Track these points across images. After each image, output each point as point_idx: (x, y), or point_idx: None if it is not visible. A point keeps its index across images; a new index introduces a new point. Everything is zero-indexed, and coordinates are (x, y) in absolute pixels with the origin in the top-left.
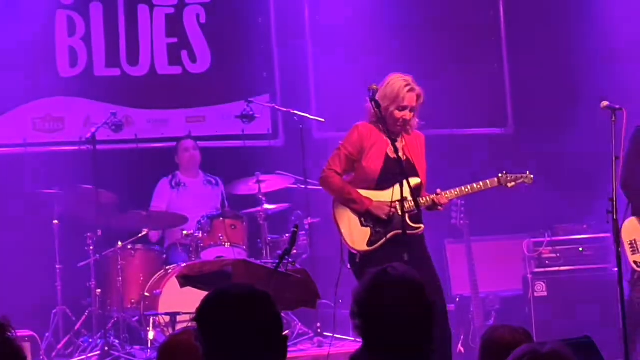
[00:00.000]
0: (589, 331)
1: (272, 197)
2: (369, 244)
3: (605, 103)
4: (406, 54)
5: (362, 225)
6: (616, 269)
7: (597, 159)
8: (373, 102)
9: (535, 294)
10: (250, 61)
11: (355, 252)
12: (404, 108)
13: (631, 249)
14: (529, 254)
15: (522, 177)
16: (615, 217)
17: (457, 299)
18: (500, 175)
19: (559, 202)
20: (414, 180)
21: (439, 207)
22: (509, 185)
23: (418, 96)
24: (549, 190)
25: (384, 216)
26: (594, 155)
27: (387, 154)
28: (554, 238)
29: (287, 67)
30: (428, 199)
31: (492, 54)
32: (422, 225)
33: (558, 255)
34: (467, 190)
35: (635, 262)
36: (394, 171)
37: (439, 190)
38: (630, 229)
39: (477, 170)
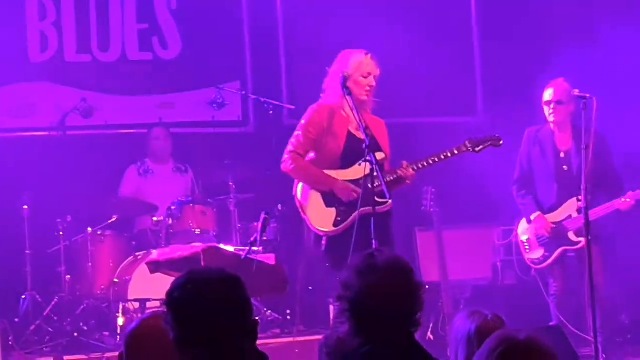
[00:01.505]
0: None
1: (242, 184)
2: (336, 224)
3: (575, 91)
4: (376, 42)
5: (327, 205)
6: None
7: None
8: (345, 89)
9: (505, 282)
10: (221, 47)
11: (322, 234)
12: (368, 75)
13: (524, 247)
14: (499, 242)
15: (489, 140)
16: (585, 205)
17: (427, 287)
18: (467, 140)
19: None
20: (379, 155)
21: (407, 181)
22: (477, 149)
23: (376, 66)
24: (512, 182)
25: (346, 199)
26: None
27: (349, 132)
28: None
29: (258, 53)
30: (393, 172)
31: (462, 42)
32: (390, 201)
33: None
34: (433, 159)
35: (528, 259)
36: (357, 148)
37: (404, 163)
38: (522, 229)
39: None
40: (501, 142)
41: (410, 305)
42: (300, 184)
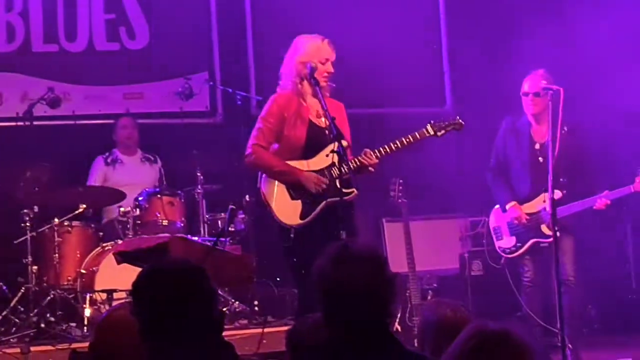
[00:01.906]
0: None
1: (210, 175)
2: (302, 216)
3: (543, 83)
4: (344, 32)
5: (292, 198)
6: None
7: None
8: (312, 80)
9: (472, 273)
10: (189, 38)
11: (288, 227)
12: (325, 60)
13: (496, 236)
14: (466, 233)
15: (451, 124)
16: (552, 195)
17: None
18: (429, 124)
19: None
20: (344, 143)
21: (370, 169)
22: (439, 134)
23: (333, 50)
24: (487, 169)
25: (313, 190)
26: None
27: (310, 121)
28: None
29: (226, 44)
30: (356, 160)
31: (430, 32)
32: (355, 190)
33: None
34: (396, 145)
35: (500, 248)
36: (319, 137)
37: (367, 150)
38: (494, 218)
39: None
40: (463, 125)
41: (385, 296)
42: (265, 177)
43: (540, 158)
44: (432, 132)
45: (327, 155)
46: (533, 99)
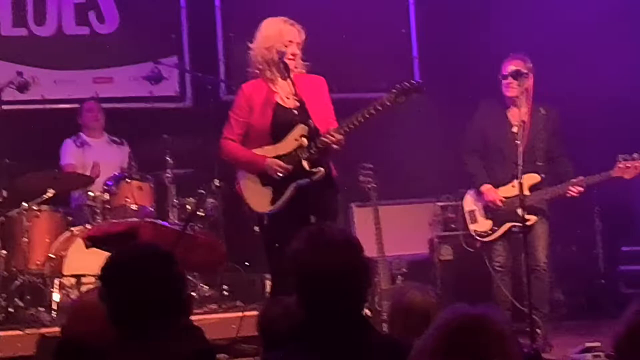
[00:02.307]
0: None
1: (179, 159)
2: (273, 202)
3: (512, 67)
4: (313, 17)
5: (263, 185)
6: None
7: None
8: (282, 64)
9: (441, 258)
10: (158, 22)
11: (262, 214)
12: (289, 43)
13: (470, 219)
14: (436, 218)
15: (411, 88)
16: (520, 180)
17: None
18: (388, 93)
19: None
20: (310, 124)
21: (335, 146)
22: (400, 100)
23: (299, 31)
24: (457, 154)
25: (275, 176)
26: None
27: (276, 104)
28: (460, 202)
29: (196, 28)
30: (321, 140)
31: (399, 17)
32: (322, 169)
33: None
34: (358, 119)
35: (475, 231)
36: (286, 119)
37: (330, 129)
38: (469, 201)
39: (384, 135)
40: (423, 88)
41: (360, 281)
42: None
43: (517, 141)
44: (392, 100)
45: (295, 140)
46: (511, 81)
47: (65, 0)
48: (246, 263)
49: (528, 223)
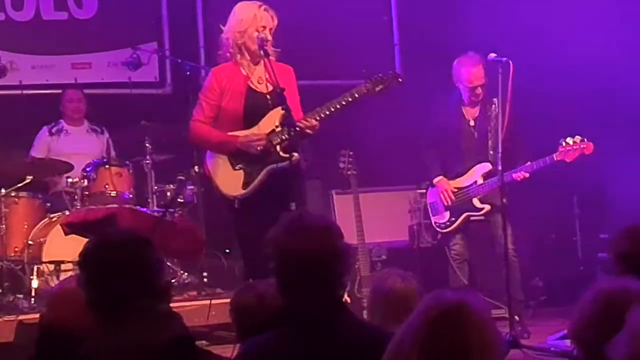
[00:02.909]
0: (485, 278)
1: (159, 145)
2: (244, 186)
3: (492, 55)
4: (294, 2)
5: (234, 169)
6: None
7: None
8: (262, 51)
9: (421, 245)
10: (137, 8)
11: (232, 198)
12: (263, 28)
13: (432, 211)
14: (415, 205)
15: (389, 78)
16: (500, 168)
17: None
18: (366, 81)
19: None
20: (282, 110)
21: (308, 131)
22: (377, 89)
23: (272, 17)
24: (421, 144)
25: (255, 151)
26: None
27: (249, 88)
28: None
29: (175, 13)
30: (296, 126)
31: (380, 3)
32: (296, 154)
33: None
34: (335, 106)
35: (435, 223)
36: (259, 104)
37: (304, 115)
38: (431, 193)
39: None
40: (400, 79)
41: (339, 267)
42: (209, 152)
43: (475, 134)
44: (369, 89)
45: (271, 123)
46: (480, 90)
47: None
48: (227, 250)
49: (483, 211)
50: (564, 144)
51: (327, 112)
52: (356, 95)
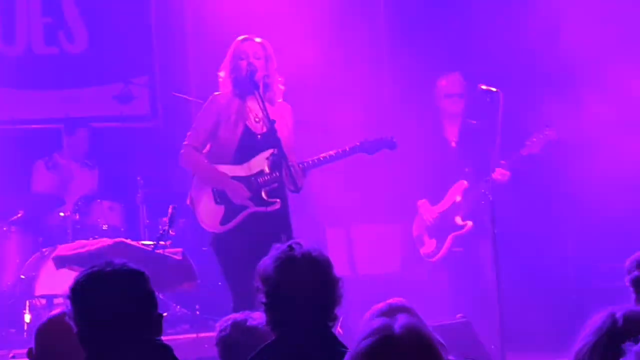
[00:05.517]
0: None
1: (150, 179)
2: (222, 222)
3: (482, 86)
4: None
5: (217, 203)
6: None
7: None
8: (252, 83)
9: (415, 276)
10: (128, 41)
11: (209, 231)
12: (245, 55)
13: (419, 244)
14: (409, 237)
15: (384, 143)
16: (491, 197)
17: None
18: (361, 143)
19: None
20: (279, 152)
21: (291, 187)
22: (370, 152)
23: (259, 45)
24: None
25: (235, 201)
26: None
27: (245, 126)
28: None
29: (166, 47)
30: (288, 173)
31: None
32: (278, 200)
33: None
34: (326, 157)
35: (424, 254)
36: (252, 144)
37: (295, 161)
38: (415, 226)
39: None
40: (396, 145)
41: (328, 299)
42: (195, 180)
43: (456, 155)
44: (364, 149)
45: (260, 165)
46: (457, 100)
47: (34, 19)
48: (219, 283)
49: (465, 228)
50: (530, 139)
51: (317, 161)
52: (348, 152)
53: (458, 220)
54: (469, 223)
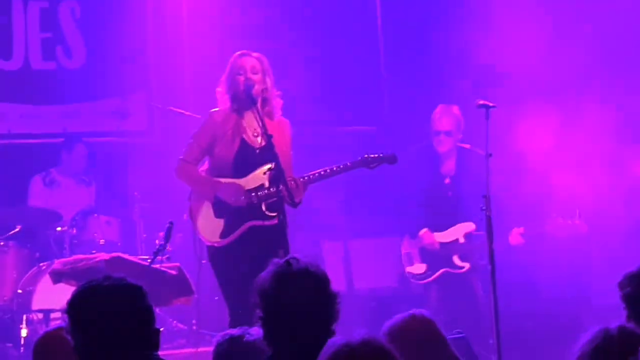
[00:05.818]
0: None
1: (147, 194)
2: (222, 235)
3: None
4: (280, 51)
5: (216, 216)
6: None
7: None
8: (249, 99)
9: (411, 291)
10: (126, 57)
11: (208, 244)
12: (242, 71)
13: (406, 261)
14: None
15: (385, 158)
16: (489, 214)
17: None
18: (362, 157)
19: None
20: (271, 166)
21: (289, 200)
22: (371, 166)
23: (259, 59)
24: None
25: (230, 201)
26: None
27: (243, 140)
28: None
29: (163, 63)
30: (287, 186)
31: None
32: (276, 214)
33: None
34: (327, 171)
35: (409, 273)
36: (250, 158)
37: (293, 176)
38: (406, 244)
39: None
40: (397, 159)
41: (326, 314)
42: (194, 193)
43: (449, 192)
44: (365, 163)
45: (260, 178)
46: (444, 138)
47: (32, 34)
48: (215, 297)
49: (463, 270)
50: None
51: (319, 175)
52: (349, 165)
53: (456, 260)
54: (467, 265)
